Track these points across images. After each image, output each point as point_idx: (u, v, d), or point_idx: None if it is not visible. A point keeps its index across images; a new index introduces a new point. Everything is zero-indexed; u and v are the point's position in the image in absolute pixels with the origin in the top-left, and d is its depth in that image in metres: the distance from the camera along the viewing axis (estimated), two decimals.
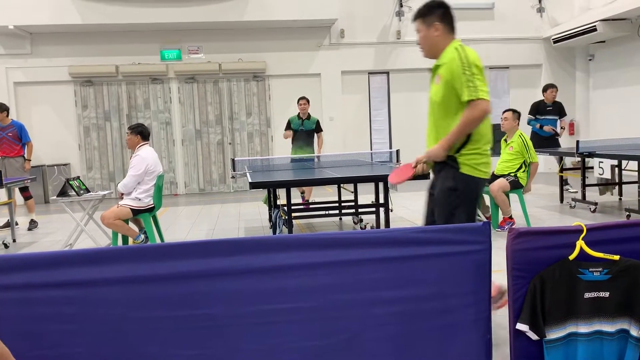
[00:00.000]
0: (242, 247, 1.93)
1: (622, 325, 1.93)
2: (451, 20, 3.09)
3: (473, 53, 2.98)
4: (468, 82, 2.91)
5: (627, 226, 1.97)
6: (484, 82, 2.91)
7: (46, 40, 11.08)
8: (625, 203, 7.71)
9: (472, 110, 2.91)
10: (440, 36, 3.09)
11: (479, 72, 2.92)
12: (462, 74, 2.93)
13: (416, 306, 1.97)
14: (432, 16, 3.09)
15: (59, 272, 1.82)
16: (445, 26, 3.07)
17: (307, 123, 8.01)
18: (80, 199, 5.72)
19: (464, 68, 2.93)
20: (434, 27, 3.09)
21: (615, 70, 11.86)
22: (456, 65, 2.96)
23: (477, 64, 2.94)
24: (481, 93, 2.89)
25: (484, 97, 2.89)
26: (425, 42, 3.17)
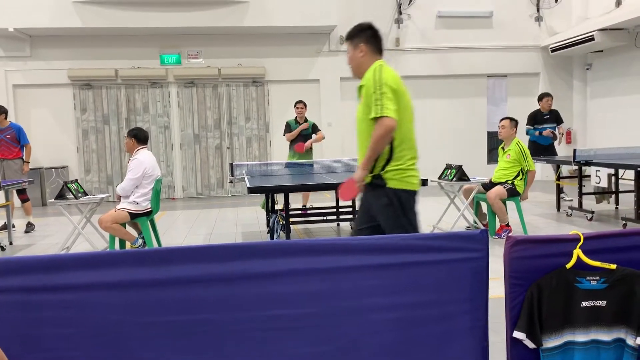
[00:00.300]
0: (240, 253, 1.93)
1: (618, 334, 1.93)
2: (377, 42, 3.26)
3: (389, 73, 3.12)
4: (376, 100, 3.05)
5: (624, 235, 1.98)
6: (392, 101, 3.04)
7: (46, 43, 11.10)
8: (621, 212, 7.73)
9: (378, 128, 3.04)
10: (365, 57, 3.25)
11: (389, 91, 3.05)
12: (373, 92, 3.07)
13: (413, 313, 1.98)
14: (358, 38, 3.25)
15: (56, 275, 1.82)
16: (370, 48, 3.24)
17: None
18: (78, 202, 5.71)
19: (375, 87, 3.07)
20: (359, 49, 3.25)
21: (612, 79, 11.92)
22: (369, 84, 3.11)
23: (389, 84, 3.07)
24: (386, 111, 3.01)
25: (389, 114, 3.01)
26: (352, 62, 3.33)
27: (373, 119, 3.05)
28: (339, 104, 12.05)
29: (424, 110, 12.49)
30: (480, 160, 12.67)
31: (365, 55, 3.25)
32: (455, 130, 12.57)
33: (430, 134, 12.48)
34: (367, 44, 3.25)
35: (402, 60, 12.21)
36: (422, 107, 12.48)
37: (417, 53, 12.23)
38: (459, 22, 12.32)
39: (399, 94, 3.12)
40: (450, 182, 6.22)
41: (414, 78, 12.34)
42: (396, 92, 3.10)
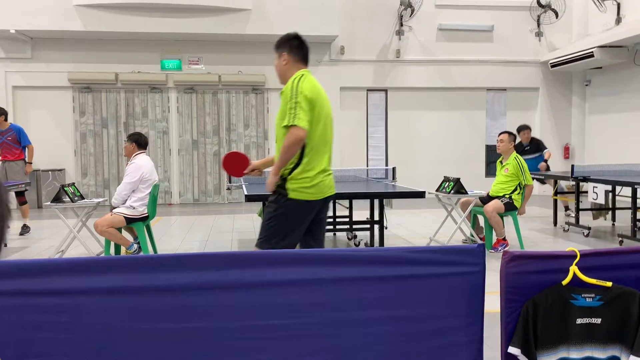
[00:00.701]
0: (236, 261, 1.92)
1: (613, 352, 1.93)
2: (301, 52, 3.37)
3: (308, 84, 3.20)
4: (290, 109, 3.15)
5: (620, 253, 1.98)
6: (305, 112, 3.14)
7: (47, 45, 11.12)
8: (618, 229, 7.74)
9: (288, 136, 3.14)
10: (287, 66, 3.38)
11: (304, 101, 3.14)
12: (289, 101, 3.17)
13: (408, 326, 1.97)
14: (282, 47, 3.40)
15: (51, 279, 1.81)
16: (293, 57, 3.37)
17: None
18: (74, 205, 5.70)
19: (291, 96, 3.17)
20: (283, 57, 3.39)
21: (611, 96, 11.98)
22: (287, 93, 3.21)
23: (305, 94, 3.16)
24: (298, 120, 3.10)
25: (300, 124, 3.10)
26: (277, 70, 3.48)
27: (285, 127, 3.15)
28: (339, 113, 12.07)
29: (423, 122, 12.52)
30: (478, 173, 12.70)
31: (288, 64, 3.37)
32: (454, 143, 12.60)
33: (428, 146, 12.51)
34: (290, 53, 3.37)
35: (403, 72, 12.26)
36: (421, 119, 12.52)
37: (417, 65, 12.29)
38: (460, 35, 12.39)
39: (315, 105, 3.20)
40: (447, 194, 6.22)
41: (413, 90, 12.39)
42: (312, 103, 3.18)
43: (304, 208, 3.29)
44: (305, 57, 3.41)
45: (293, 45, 3.38)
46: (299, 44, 3.39)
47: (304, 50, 3.40)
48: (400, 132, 12.47)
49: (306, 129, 3.14)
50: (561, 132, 12.94)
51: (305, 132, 3.13)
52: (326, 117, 3.35)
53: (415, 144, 12.52)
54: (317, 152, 3.30)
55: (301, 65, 3.39)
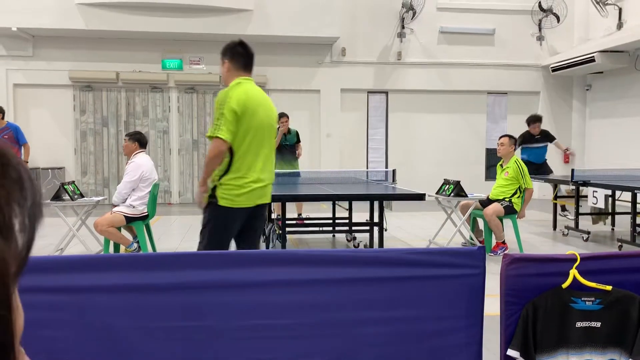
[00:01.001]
0: (235, 261, 1.92)
1: (612, 355, 1.93)
2: (241, 59, 3.40)
3: (239, 94, 3.27)
4: (215, 120, 3.25)
5: (620, 257, 1.98)
6: (229, 123, 3.21)
7: (48, 43, 11.12)
8: (617, 233, 7.74)
9: (210, 147, 3.26)
10: (228, 72, 3.43)
11: (229, 113, 3.20)
12: (216, 111, 3.28)
13: (407, 328, 1.97)
14: (224, 54, 3.45)
15: (51, 277, 1.81)
16: (234, 64, 3.40)
17: (290, 137, 8.11)
18: (74, 203, 5.69)
19: (218, 106, 3.26)
20: (224, 64, 3.44)
21: (611, 101, 11.99)
22: (217, 102, 3.31)
23: (231, 105, 3.21)
24: (219, 132, 3.18)
25: (221, 135, 3.18)
26: (221, 76, 3.55)
27: (209, 137, 3.27)
28: (339, 115, 12.08)
29: (423, 125, 12.53)
30: (478, 176, 12.70)
31: (229, 71, 3.42)
32: (454, 146, 12.61)
33: (428, 148, 12.51)
34: (231, 60, 3.40)
35: (403, 74, 12.26)
36: (421, 122, 12.52)
37: (418, 67, 12.29)
38: (461, 39, 12.40)
39: (244, 115, 3.25)
40: (447, 197, 6.22)
41: (414, 92, 12.39)
42: (239, 113, 3.23)
43: (232, 215, 3.36)
44: (247, 64, 3.43)
45: (235, 52, 3.42)
46: (241, 52, 3.42)
47: (246, 58, 3.43)
48: (400, 134, 12.48)
49: (228, 141, 3.22)
50: (561, 137, 12.92)
51: (226, 143, 3.22)
52: (259, 126, 3.37)
53: (416, 147, 12.52)
54: (245, 161, 3.34)
55: (241, 73, 3.42)
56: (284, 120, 8.04)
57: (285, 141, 8.07)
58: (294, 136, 8.17)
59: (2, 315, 0.39)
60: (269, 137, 3.47)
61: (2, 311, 0.39)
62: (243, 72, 3.42)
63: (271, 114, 3.52)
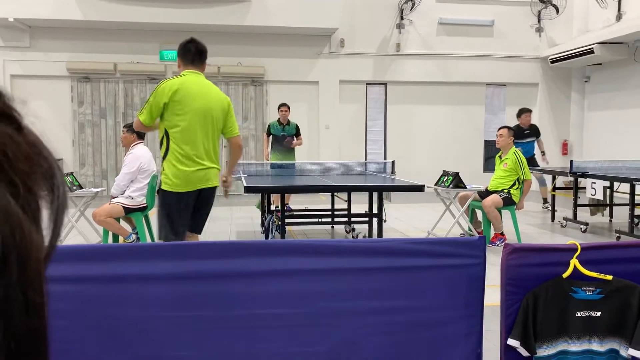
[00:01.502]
0: (234, 251, 1.92)
1: (612, 345, 1.93)
2: (187, 55, 3.78)
3: (171, 84, 3.62)
4: (145, 103, 3.73)
5: (620, 247, 1.98)
6: (151, 107, 3.62)
7: (45, 34, 11.05)
8: (615, 225, 7.76)
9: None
10: (179, 68, 3.85)
11: (153, 100, 3.61)
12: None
13: (408, 317, 1.97)
14: (178, 52, 3.89)
15: (50, 267, 1.80)
16: (182, 60, 3.81)
17: (288, 129, 8.14)
18: (73, 194, 5.68)
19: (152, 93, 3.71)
20: (178, 61, 3.88)
21: (610, 92, 11.98)
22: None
23: (158, 93, 3.61)
24: (140, 114, 3.66)
25: (140, 117, 3.64)
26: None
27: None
28: (338, 106, 12.05)
29: (422, 117, 12.51)
30: (477, 168, 12.70)
31: (179, 66, 3.83)
32: (453, 137, 12.60)
33: (427, 140, 12.50)
34: (181, 57, 3.81)
35: (402, 66, 12.23)
36: (420, 113, 12.50)
37: (417, 59, 12.26)
38: (460, 30, 12.35)
39: (174, 104, 3.59)
40: (446, 188, 6.22)
41: (413, 84, 12.36)
42: (166, 101, 3.59)
43: (172, 199, 3.63)
44: (195, 60, 3.78)
45: (185, 49, 3.79)
46: (190, 48, 3.79)
47: (194, 54, 3.78)
48: (399, 126, 12.46)
49: (143, 122, 3.66)
50: (560, 128, 12.94)
51: (140, 123, 3.69)
52: (196, 112, 3.64)
53: (414, 138, 12.51)
54: (182, 148, 3.62)
55: (189, 67, 3.77)
56: (283, 109, 8.06)
57: (283, 131, 8.10)
58: (292, 128, 8.19)
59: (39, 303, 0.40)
60: (211, 126, 3.71)
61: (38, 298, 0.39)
62: (191, 66, 3.76)
63: (212, 104, 3.74)
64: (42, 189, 0.42)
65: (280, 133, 8.10)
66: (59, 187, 0.44)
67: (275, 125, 8.17)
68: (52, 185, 0.43)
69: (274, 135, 8.13)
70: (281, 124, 8.13)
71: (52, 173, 0.43)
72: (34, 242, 0.40)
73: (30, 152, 0.41)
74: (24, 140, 0.41)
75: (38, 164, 0.41)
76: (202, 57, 3.83)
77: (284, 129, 8.12)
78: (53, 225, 0.44)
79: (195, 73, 3.77)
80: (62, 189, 0.45)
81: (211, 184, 3.78)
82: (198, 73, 3.79)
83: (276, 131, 8.12)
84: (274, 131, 8.13)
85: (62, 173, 0.46)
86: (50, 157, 0.44)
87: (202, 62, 3.82)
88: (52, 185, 0.43)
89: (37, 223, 0.41)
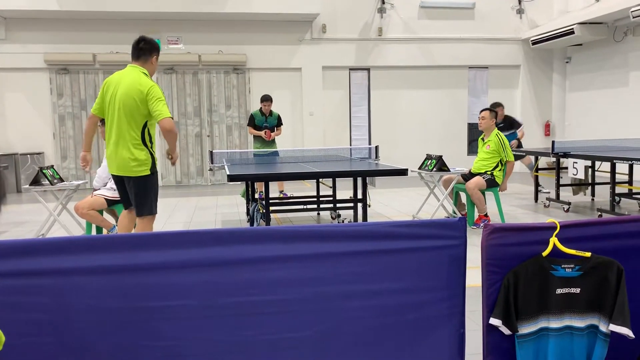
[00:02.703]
0: (218, 238, 1.91)
1: (591, 321, 1.96)
2: (132, 50, 4.18)
3: (112, 76, 4.16)
4: None
5: (598, 224, 2.01)
6: (98, 99, 4.21)
7: (21, 25, 10.84)
8: (597, 203, 7.86)
9: None
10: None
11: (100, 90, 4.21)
12: None
13: (390, 300, 1.98)
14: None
15: (30, 260, 1.79)
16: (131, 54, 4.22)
17: (270, 120, 8.32)
18: (54, 188, 5.61)
19: None
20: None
21: (591, 73, 12.07)
22: None
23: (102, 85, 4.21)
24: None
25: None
26: None
27: None
28: (321, 93, 12.01)
29: (406, 101, 12.52)
30: (461, 151, 12.76)
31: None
32: (436, 121, 12.63)
33: (411, 124, 12.53)
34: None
35: (385, 50, 12.20)
36: (403, 98, 12.51)
37: (399, 43, 12.23)
38: (442, 13, 12.34)
39: (102, 94, 4.15)
40: (430, 172, 6.25)
41: (396, 68, 12.35)
42: (101, 92, 4.17)
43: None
44: (133, 54, 4.17)
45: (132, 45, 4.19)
46: (133, 45, 4.16)
47: (133, 49, 4.15)
48: (383, 111, 12.46)
49: (93, 112, 4.21)
50: (542, 109, 13.03)
51: (91, 114, 4.23)
52: (109, 102, 4.09)
53: (398, 123, 12.53)
54: (107, 133, 4.15)
55: (132, 62, 4.18)
56: (266, 104, 8.19)
57: (265, 122, 8.23)
58: (274, 119, 8.31)
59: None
60: (118, 112, 4.02)
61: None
62: (133, 61, 4.17)
63: (125, 90, 3.99)
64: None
65: (262, 124, 8.22)
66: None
67: (257, 115, 8.25)
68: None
69: (258, 126, 8.24)
70: (263, 114, 8.22)
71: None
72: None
73: None
74: None
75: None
76: (137, 50, 4.15)
77: (267, 120, 8.23)
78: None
79: (130, 66, 4.16)
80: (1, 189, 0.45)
81: (115, 172, 4.18)
82: (133, 65, 4.15)
83: (259, 121, 8.24)
84: (257, 122, 8.23)
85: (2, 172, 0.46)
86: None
87: (137, 55, 4.15)
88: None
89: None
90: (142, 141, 4.03)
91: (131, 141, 4.01)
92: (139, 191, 4.11)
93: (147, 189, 4.12)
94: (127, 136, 4.02)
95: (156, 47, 4.22)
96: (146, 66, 4.15)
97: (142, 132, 4.03)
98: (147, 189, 4.12)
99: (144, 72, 4.10)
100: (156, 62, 4.23)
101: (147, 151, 4.07)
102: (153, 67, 4.20)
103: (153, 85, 3.99)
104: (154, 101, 3.94)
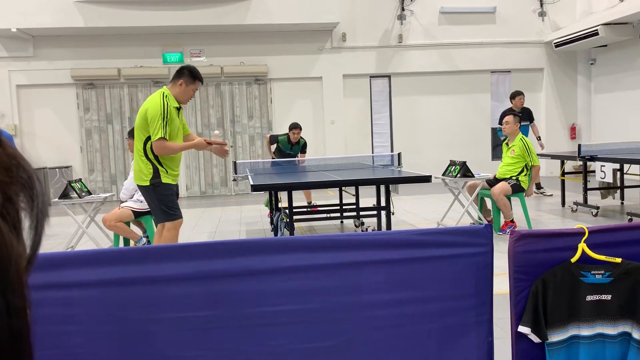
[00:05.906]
0: (244, 249, 1.93)
1: (624, 328, 1.92)
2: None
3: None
4: None
5: (628, 229, 1.97)
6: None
7: (48, 43, 11.12)
8: (627, 207, 7.70)
9: None
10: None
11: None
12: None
13: (417, 308, 1.97)
14: None
15: (60, 273, 1.82)
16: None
17: (296, 148, 8.06)
18: (82, 201, 5.72)
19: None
20: None
21: (616, 74, 11.86)
22: None
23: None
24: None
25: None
26: None
27: None
28: (342, 101, 12.03)
29: (427, 107, 12.46)
30: (484, 156, 12.64)
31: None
32: (459, 127, 12.54)
33: (433, 131, 12.46)
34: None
35: (405, 57, 12.18)
36: (425, 104, 12.46)
37: (420, 49, 12.20)
38: (462, 18, 12.28)
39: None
40: (454, 178, 6.20)
41: (417, 75, 12.31)
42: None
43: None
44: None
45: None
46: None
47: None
48: (404, 118, 12.42)
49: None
50: (567, 113, 12.84)
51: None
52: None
53: (420, 130, 12.47)
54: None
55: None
56: (295, 132, 7.93)
57: (290, 150, 8.03)
58: (300, 146, 8.10)
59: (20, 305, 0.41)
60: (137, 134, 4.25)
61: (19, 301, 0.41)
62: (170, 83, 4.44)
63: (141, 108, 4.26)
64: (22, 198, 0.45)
65: (287, 151, 8.04)
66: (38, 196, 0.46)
67: (284, 142, 8.05)
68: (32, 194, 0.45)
69: (282, 151, 8.04)
70: (290, 143, 8.05)
71: (31, 183, 0.45)
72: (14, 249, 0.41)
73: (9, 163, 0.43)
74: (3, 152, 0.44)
75: (17, 175, 0.44)
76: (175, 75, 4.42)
77: (292, 148, 8.06)
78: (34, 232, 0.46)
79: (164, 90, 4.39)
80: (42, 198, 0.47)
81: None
82: (165, 87, 4.41)
83: (284, 148, 8.05)
84: (283, 148, 8.04)
85: (42, 184, 0.48)
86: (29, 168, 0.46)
87: (171, 79, 4.42)
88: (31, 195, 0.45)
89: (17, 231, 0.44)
90: (144, 153, 4.21)
91: (137, 153, 4.27)
92: (148, 200, 4.40)
93: (152, 198, 4.28)
94: (136, 149, 4.30)
95: (187, 74, 4.35)
96: (172, 88, 4.35)
97: (144, 145, 4.22)
98: (152, 198, 4.28)
99: (164, 92, 4.28)
100: (185, 86, 4.34)
101: (151, 164, 4.20)
102: (178, 90, 4.34)
103: (155, 105, 4.16)
104: (150, 121, 4.14)
